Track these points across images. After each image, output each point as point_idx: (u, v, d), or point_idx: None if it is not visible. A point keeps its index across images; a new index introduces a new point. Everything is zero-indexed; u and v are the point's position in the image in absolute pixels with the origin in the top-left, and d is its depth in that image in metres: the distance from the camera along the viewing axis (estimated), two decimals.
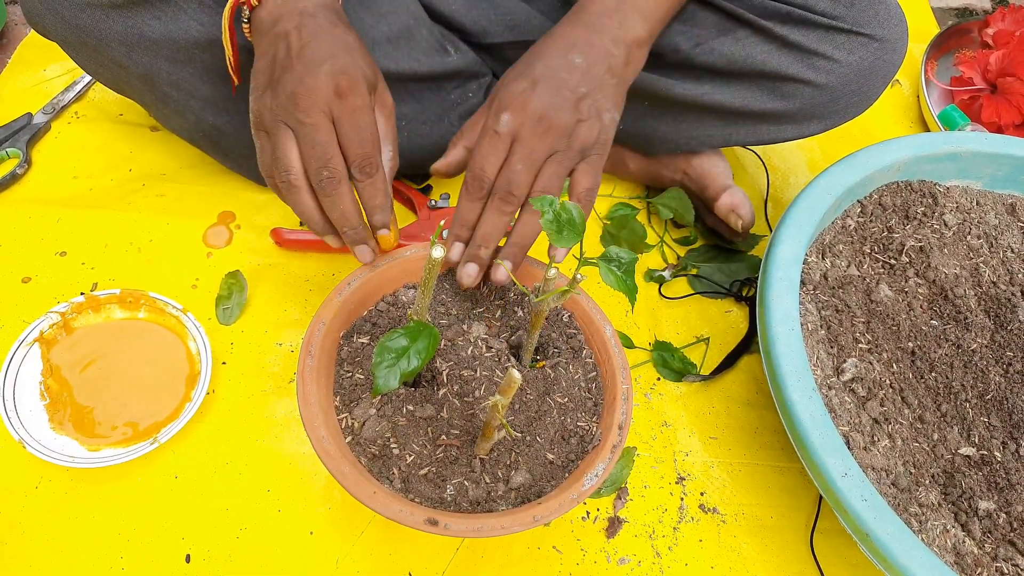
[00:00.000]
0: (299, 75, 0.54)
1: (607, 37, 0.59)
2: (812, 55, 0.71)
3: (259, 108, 0.57)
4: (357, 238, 0.57)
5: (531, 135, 0.56)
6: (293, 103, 0.54)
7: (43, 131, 0.86)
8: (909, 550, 0.54)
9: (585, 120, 0.57)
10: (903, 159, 0.76)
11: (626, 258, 0.46)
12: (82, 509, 0.62)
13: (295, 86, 0.54)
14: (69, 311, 0.69)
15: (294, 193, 0.56)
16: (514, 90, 0.57)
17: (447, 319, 0.61)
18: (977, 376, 0.68)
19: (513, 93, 0.57)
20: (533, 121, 0.56)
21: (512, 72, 0.60)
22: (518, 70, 0.59)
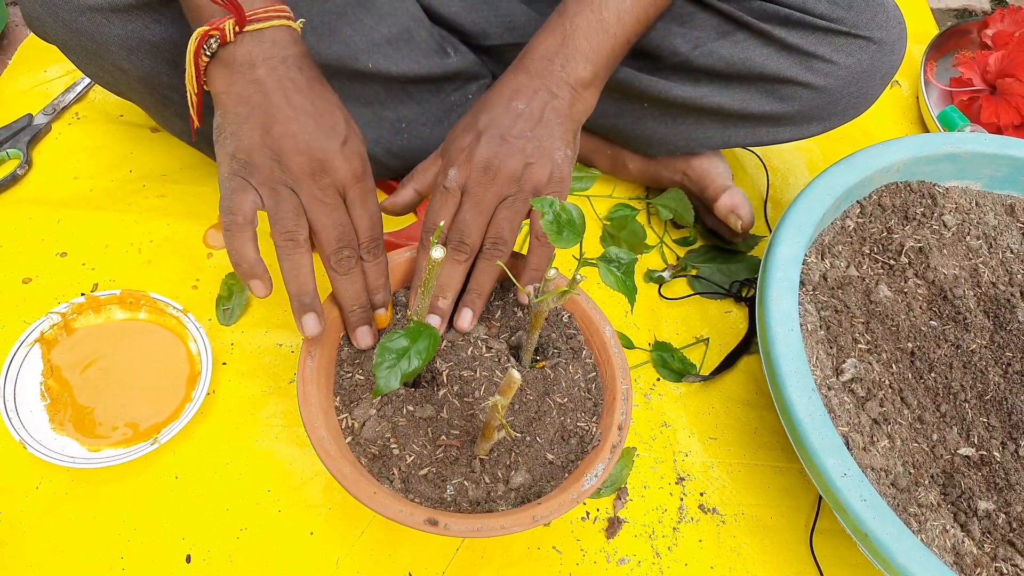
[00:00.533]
0: (305, 144, 0.53)
1: (550, 80, 0.60)
2: (811, 58, 0.71)
3: (249, 160, 0.53)
4: (363, 319, 0.57)
5: (478, 185, 0.57)
6: (308, 177, 0.53)
7: (44, 132, 0.86)
8: (908, 550, 0.54)
9: (534, 162, 0.58)
10: (902, 160, 0.77)
11: (625, 259, 0.46)
12: (82, 509, 0.62)
13: (306, 157, 0.53)
14: (70, 312, 0.69)
15: (296, 253, 0.53)
16: (460, 144, 0.59)
17: None
18: (976, 376, 0.68)
19: (459, 147, 0.59)
20: (479, 172, 0.57)
21: (459, 126, 0.61)
22: (464, 123, 0.61)
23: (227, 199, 0.53)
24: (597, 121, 0.83)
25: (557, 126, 0.60)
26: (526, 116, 0.59)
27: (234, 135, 0.54)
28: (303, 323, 0.54)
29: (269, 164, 0.53)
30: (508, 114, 0.59)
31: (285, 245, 0.53)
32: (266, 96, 0.53)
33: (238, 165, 0.53)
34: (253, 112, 0.53)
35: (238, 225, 0.52)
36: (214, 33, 0.53)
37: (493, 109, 0.59)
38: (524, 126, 0.58)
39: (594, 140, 0.88)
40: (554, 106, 0.60)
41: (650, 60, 0.75)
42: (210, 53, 0.54)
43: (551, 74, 0.60)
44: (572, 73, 0.61)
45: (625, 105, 0.79)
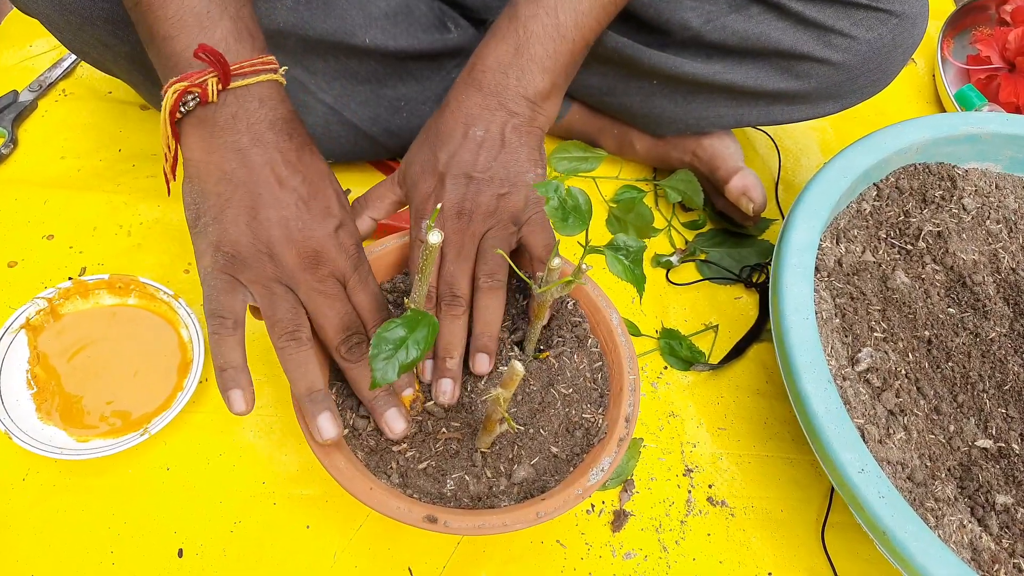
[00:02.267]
0: (299, 232, 0.48)
1: (505, 97, 0.56)
2: (829, 32, 0.68)
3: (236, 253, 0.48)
4: (389, 403, 0.51)
5: (455, 233, 0.54)
6: (305, 271, 0.48)
7: (29, 109, 0.84)
8: (927, 549, 0.52)
9: (507, 192, 0.55)
10: (921, 141, 0.74)
11: (634, 246, 0.44)
12: (71, 502, 0.60)
13: (299, 248, 0.48)
14: (56, 297, 0.67)
15: (300, 352, 0.49)
16: (424, 191, 0.55)
17: None
18: (995, 366, 0.66)
19: (424, 195, 0.55)
20: (453, 219, 0.54)
21: (415, 164, 0.57)
22: (421, 161, 0.56)
23: (214, 300, 0.48)
24: (603, 99, 0.80)
25: (522, 147, 0.56)
26: (488, 144, 0.55)
27: (217, 222, 0.48)
28: (320, 426, 0.48)
29: (260, 259, 0.48)
30: (467, 146, 0.55)
31: (287, 345, 0.48)
32: (252, 173, 0.48)
33: (224, 260, 0.48)
34: (237, 193, 0.48)
35: (227, 328, 0.48)
36: (193, 90, 0.47)
37: (450, 141, 0.55)
38: (487, 157, 0.55)
39: (600, 119, 0.85)
40: (514, 125, 0.56)
41: (659, 35, 0.72)
42: (185, 111, 0.48)
43: (506, 89, 0.56)
44: (529, 86, 0.56)
45: (633, 82, 0.76)
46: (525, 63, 0.56)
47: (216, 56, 0.46)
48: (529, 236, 0.56)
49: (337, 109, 0.73)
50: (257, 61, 0.49)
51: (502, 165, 0.55)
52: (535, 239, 0.56)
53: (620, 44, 0.72)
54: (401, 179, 0.59)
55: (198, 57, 0.46)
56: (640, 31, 0.73)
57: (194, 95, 0.47)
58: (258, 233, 0.48)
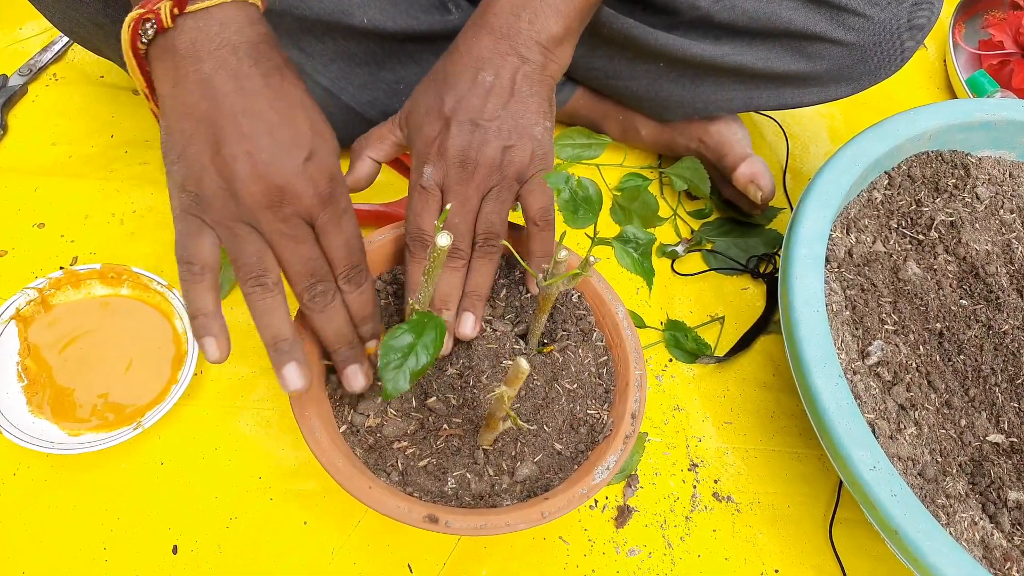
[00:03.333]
0: (262, 166, 0.45)
1: (517, 41, 0.53)
2: (842, 11, 0.66)
3: (200, 193, 0.45)
4: (351, 357, 0.50)
5: (458, 183, 0.52)
6: (266, 208, 0.45)
7: (19, 94, 0.81)
8: (940, 548, 0.51)
9: (513, 144, 0.52)
10: (934, 128, 0.72)
11: (643, 239, 0.42)
12: (62, 498, 0.59)
13: (262, 184, 0.45)
14: (47, 287, 0.65)
15: (267, 297, 0.47)
16: (428, 134, 0.53)
17: None
18: (1008, 359, 0.64)
19: (427, 138, 0.53)
20: (456, 167, 0.52)
21: (420, 104, 0.54)
22: (427, 104, 0.54)
23: (181, 245, 0.46)
24: (608, 83, 0.78)
25: (531, 97, 0.54)
26: (496, 90, 0.52)
27: (181, 159, 0.46)
28: (284, 375, 0.47)
29: (222, 197, 0.45)
30: (476, 91, 0.52)
31: (253, 291, 0.46)
32: (214, 103, 0.45)
33: (188, 200, 0.46)
34: (200, 127, 0.45)
35: (195, 274, 0.46)
36: (149, 17, 0.44)
37: (458, 85, 0.53)
38: (496, 104, 0.52)
39: (604, 104, 0.83)
40: (525, 72, 0.53)
41: (666, 15, 0.70)
42: (146, 41, 0.45)
43: (518, 33, 0.53)
44: (542, 30, 0.53)
45: (638, 65, 0.74)
46: (539, 5, 0.53)
47: None
48: (527, 195, 0.54)
49: (334, 92, 0.71)
50: None
51: (511, 115, 0.53)
52: (532, 199, 0.54)
53: (626, 25, 0.70)
54: (404, 121, 0.56)
55: None
56: (647, 12, 0.71)
57: (151, 22, 0.44)
58: (220, 169, 0.45)
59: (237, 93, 0.45)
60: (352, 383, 0.50)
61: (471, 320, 0.53)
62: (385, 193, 0.77)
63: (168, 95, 0.46)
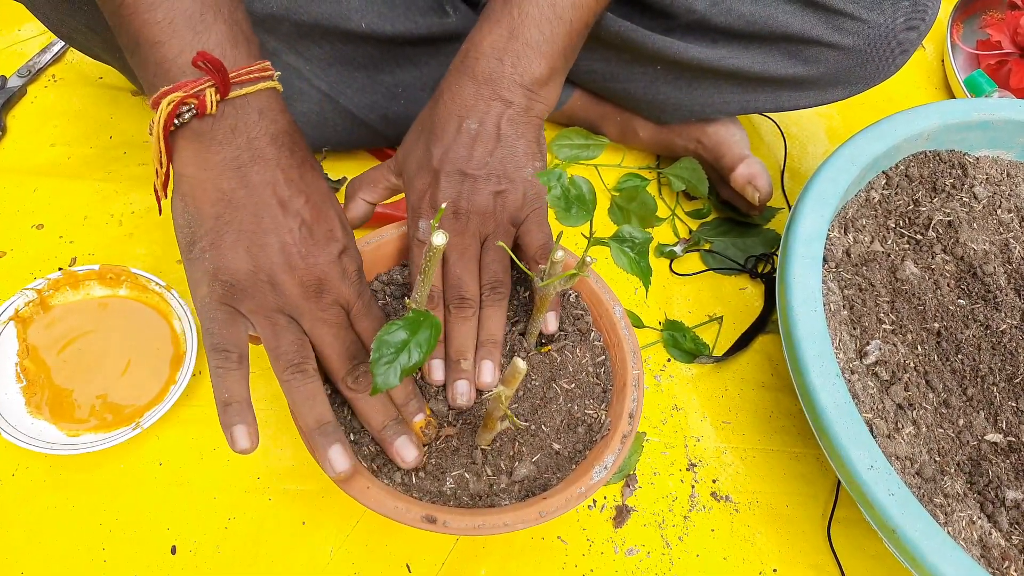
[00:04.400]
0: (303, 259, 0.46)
1: (500, 86, 0.53)
2: (838, 15, 0.66)
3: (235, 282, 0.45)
4: (399, 431, 0.49)
5: (454, 234, 0.52)
6: (309, 300, 0.46)
7: (18, 96, 0.81)
8: (939, 548, 0.51)
9: (504, 189, 0.52)
10: (932, 127, 0.72)
11: (640, 238, 0.42)
12: (61, 498, 0.59)
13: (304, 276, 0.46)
14: (46, 288, 0.65)
15: (307, 384, 0.47)
16: (418, 188, 0.53)
17: None
18: (1005, 358, 0.64)
19: (419, 192, 0.53)
20: (450, 220, 0.52)
21: (411, 157, 0.55)
22: (417, 156, 0.54)
23: (216, 335, 0.45)
24: (606, 85, 0.78)
25: (519, 139, 0.53)
26: (482, 138, 0.52)
27: (214, 247, 0.45)
28: (331, 458, 0.46)
29: (261, 288, 0.45)
30: (461, 139, 0.52)
31: (293, 378, 0.46)
32: (252, 194, 0.45)
33: (223, 289, 0.45)
34: (236, 216, 0.45)
35: (231, 363, 0.45)
36: (190, 101, 0.43)
37: (444, 135, 0.53)
38: (483, 151, 0.52)
39: (603, 105, 0.83)
40: (510, 116, 0.53)
41: (664, 18, 0.70)
42: (181, 122, 0.44)
43: (502, 77, 0.53)
44: (525, 73, 0.53)
45: (636, 68, 0.74)
46: (521, 48, 0.53)
47: (215, 63, 0.43)
48: (524, 236, 0.54)
49: (333, 96, 0.71)
50: (255, 68, 0.45)
51: (498, 160, 0.53)
52: (530, 239, 0.54)
53: (623, 28, 0.70)
54: (397, 168, 0.57)
55: (196, 65, 0.42)
56: (644, 15, 0.71)
57: (190, 106, 0.43)
58: (259, 261, 0.45)
59: (276, 184, 0.46)
60: (404, 455, 0.49)
61: (490, 368, 0.52)
62: None
63: (196, 178, 0.45)
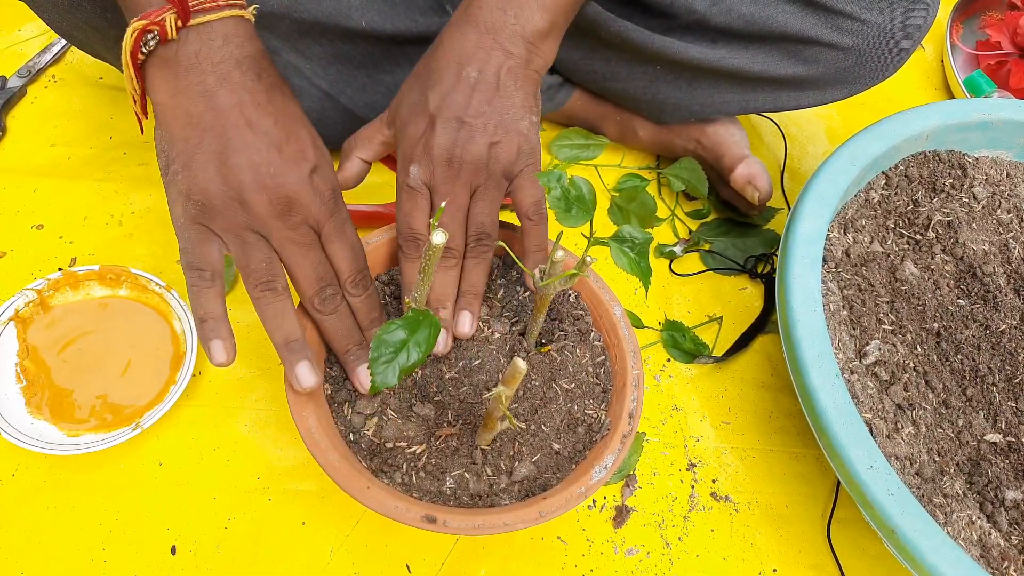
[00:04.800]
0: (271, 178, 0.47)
1: (502, 36, 0.53)
2: (838, 15, 0.66)
3: (206, 202, 0.46)
4: (361, 357, 0.51)
5: (445, 182, 0.52)
6: (277, 218, 0.47)
7: (18, 96, 0.81)
8: (938, 548, 0.51)
9: (499, 141, 0.52)
10: (931, 128, 0.72)
11: (640, 238, 0.42)
12: (61, 498, 0.59)
13: (271, 194, 0.47)
14: (46, 288, 0.65)
15: (277, 301, 0.48)
16: (413, 134, 0.53)
17: None
18: (1005, 359, 0.64)
19: (413, 137, 0.53)
20: (442, 166, 0.52)
21: (406, 103, 0.54)
22: (412, 102, 0.54)
23: (190, 253, 0.47)
24: (606, 85, 0.78)
25: (517, 91, 0.53)
26: (481, 86, 0.52)
27: (186, 169, 0.46)
28: (297, 374, 0.48)
29: (231, 206, 0.47)
30: (460, 87, 0.52)
31: (263, 295, 0.48)
32: (219, 116, 0.46)
33: (195, 209, 0.47)
34: (205, 138, 0.46)
35: (205, 280, 0.47)
36: (152, 28, 0.45)
37: (442, 81, 0.53)
38: (480, 100, 0.52)
39: (602, 105, 0.83)
40: (510, 67, 0.53)
41: (663, 18, 0.70)
42: (147, 51, 0.46)
43: (503, 27, 0.52)
44: (527, 24, 0.53)
45: (636, 67, 0.74)
46: (524, 0, 0.53)
47: None
48: (517, 191, 0.54)
49: (332, 95, 0.71)
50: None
51: (496, 110, 0.52)
52: (523, 195, 0.54)
53: (623, 28, 0.70)
54: (391, 119, 0.56)
55: None
56: (644, 15, 0.71)
57: (153, 33, 0.45)
58: (228, 180, 0.46)
59: (243, 106, 0.47)
60: (364, 380, 0.51)
61: (468, 318, 0.53)
62: (379, 194, 0.78)
63: (167, 104, 0.47)
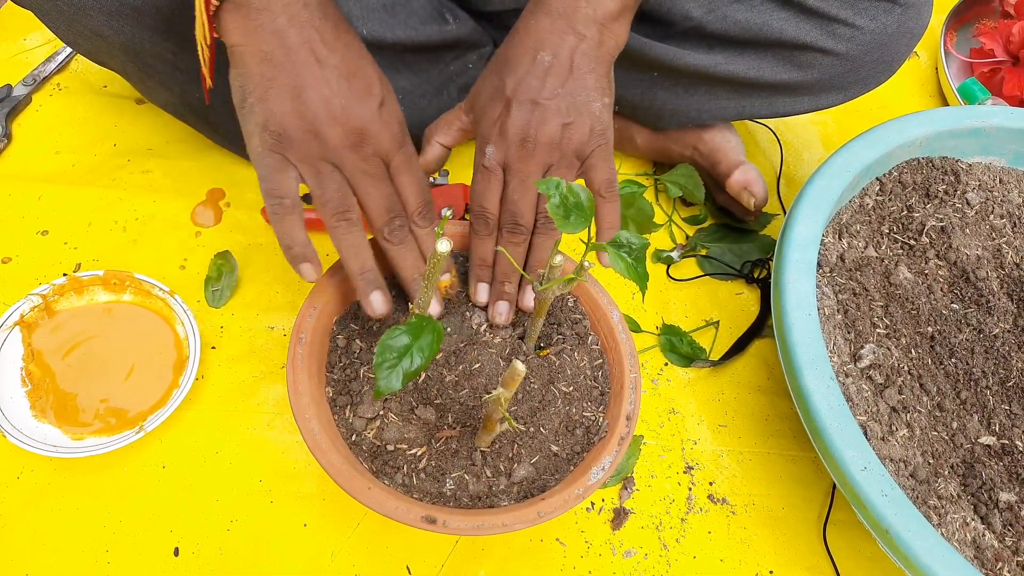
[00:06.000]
0: (343, 110, 0.49)
1: (575, 19, 0.54)
2: (832, 21, 0.67)
3: (283, 132, 0.49)
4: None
5: (519, 160, 0.54)
6: (349, 148, 0.50)
7: (23, 104, 0.82)
8: (931, 548, 0.51)
9: (571, 121, 0.54)
10: (925, 134, 0.73)
11: (637, 244, 0.43)
12: (66, 501, 0.60)
13: (344, 126, 0.49)
14: (51, 293, 0.66)
15: (352, 232, 0.51)
16: (490, 116, 0.55)
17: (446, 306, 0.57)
18: (998, 362, 0.65)
19: (490, 119, 0.55)
20: (516, 146, 0.53)
21: (485, 89, 0.56)
22: (490, 87, 0.56)
23: (268, 180, 0.50)
24: None
25: (589, 73, 0.55)
26: (555, 69, 0.54)
27: (262, 101, 0.49)
28: (371, 301, 0.52)
29: (306, 137, 0.49)
30: (535, 71, 0.54)
31: (339, 225, 0.51)
32: (290, 53, 0.49)
33: (272, 139, 0.49)
34: (279, 73, 0.48)
35: (286, 208, 0.50)
36: None
37: (518, 67, 0.54)
38: (554, 82, 0.54)
39: None
40: (583, 50, 0.54)
41: (660, 26, 0.71)
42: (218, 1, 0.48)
43: (576, 11, 0.54)
44: (599, 7, 0.54)
45: (633, 74, 0.75)
46: None
47: None
48: (590, 170, 0.56)
49: None
50: None
51: (569, 92, 0.54)
52: (596, 173, 0.56)
53: None
54: (469, 106, 0.58)
55: None
56: (641, 22, 0.72)
57: None
58: (303, 112, 0.49)
59: (312, 43, 0.49)
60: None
61: (528, 295, 0.56)
62: None
63: (241, 44, 0.49)
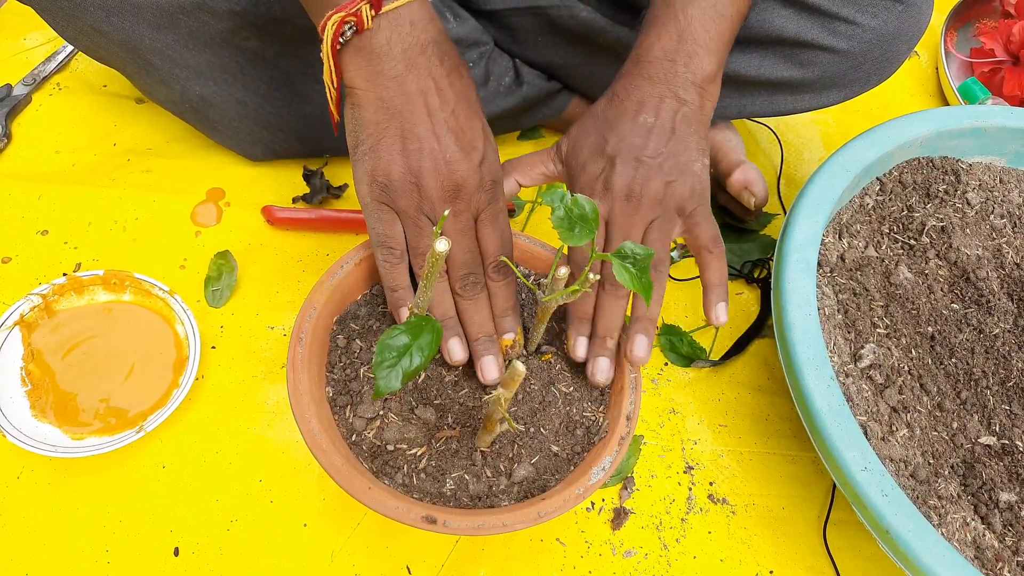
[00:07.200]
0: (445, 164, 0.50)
1: (675, 84, 0.55)
2: (833, 19, 0.67)
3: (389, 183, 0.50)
4: (488, 348, 0.54)
5: (623, 215, 0.55)
6: (443, 200, 0.51)
7: (23, 103, 0.82)
8: (932, 548, 0.51)
9: (674, 180, 0.55)
10: (925, 134, 0.73)
11: (641, 254, 0.43)
12: (65, 500, 0.60)
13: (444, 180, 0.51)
14: (51, 293, 0.66)
15: (442, 282, 0.53)
16: (592, 172, 0.56)
17: None
18: (999, 362, 0.65)
19: (592, 176, 0.56)
20: (621, 202, 0.54)
21: (583, 146, 0.57)
22: (590, 144, 0.56)
23: (379, 231, 0.52)
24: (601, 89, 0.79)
25: (690, 136, 0.56)
26: (657, 131, 0.55)
27: (373, 151, 0.51)
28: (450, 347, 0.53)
29: (409, 188, 0.51)
30: (637, 131, 0.55)
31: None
32: (407, 102, 0.50)
33: (379, 190, 0.51)
34: (392, 122, 0.50)
35: (396, 257, 0.52)
36: (349, 20, 0.48)
37: (619, 126, 0.55)
38: (657, 143, 0.55)
39: None
40: (684, 114, 0.55)
41: None
42: (344, 41, 0.49)
43: (675, 76, 0.55)
44: (697, 71, 0.55)
45: None
46: (691, 48, 0.55)
47: None
48: (695, 228, 0.56)
49: None
50: None
51: (671, 152, 0.55)
52: (701, 231, 0.56)
53: (623, 34, 0.71)
54: (562, 157, 0.59)
55: None
56: None
57: (350, 24, 0.48)
58: (409, 163, 0.50)
59: (427, 93, 0.50)
60: (487, 372, 0.53)
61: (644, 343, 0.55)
62: None
63: (364, 89, 0.50)
